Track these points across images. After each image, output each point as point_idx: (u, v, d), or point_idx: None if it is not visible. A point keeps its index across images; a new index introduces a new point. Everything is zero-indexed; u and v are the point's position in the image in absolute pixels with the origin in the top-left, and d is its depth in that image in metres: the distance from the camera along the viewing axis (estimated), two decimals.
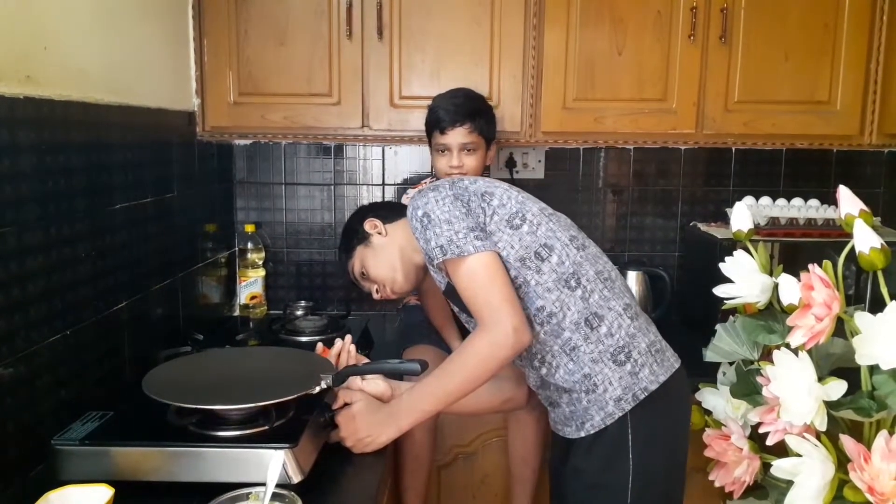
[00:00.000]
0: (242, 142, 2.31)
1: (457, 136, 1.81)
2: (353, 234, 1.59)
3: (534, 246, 1.33)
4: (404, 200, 2.01)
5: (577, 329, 1.32)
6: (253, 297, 2.29)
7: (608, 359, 1.31)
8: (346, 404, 1.34)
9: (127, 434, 1.20)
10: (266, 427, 1.21)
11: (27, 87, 1.23)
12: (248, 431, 1.20)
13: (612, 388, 1.31)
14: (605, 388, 1.31)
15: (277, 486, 1.06)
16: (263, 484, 1.05)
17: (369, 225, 1.56)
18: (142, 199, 1.65)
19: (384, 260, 1.55)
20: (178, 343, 1.69)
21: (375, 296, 1.59)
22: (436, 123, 1.83)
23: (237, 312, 2.30)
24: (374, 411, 1.31)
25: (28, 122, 1.23)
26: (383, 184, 2.35)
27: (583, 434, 1.34)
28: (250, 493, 1.07)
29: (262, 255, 2.32)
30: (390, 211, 1.60)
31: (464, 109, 1.82)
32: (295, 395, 1.23)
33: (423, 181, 2.08)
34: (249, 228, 2.29)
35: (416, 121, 1.98)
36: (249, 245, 2.29)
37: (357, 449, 1.30)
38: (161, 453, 1.16)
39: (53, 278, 1.30)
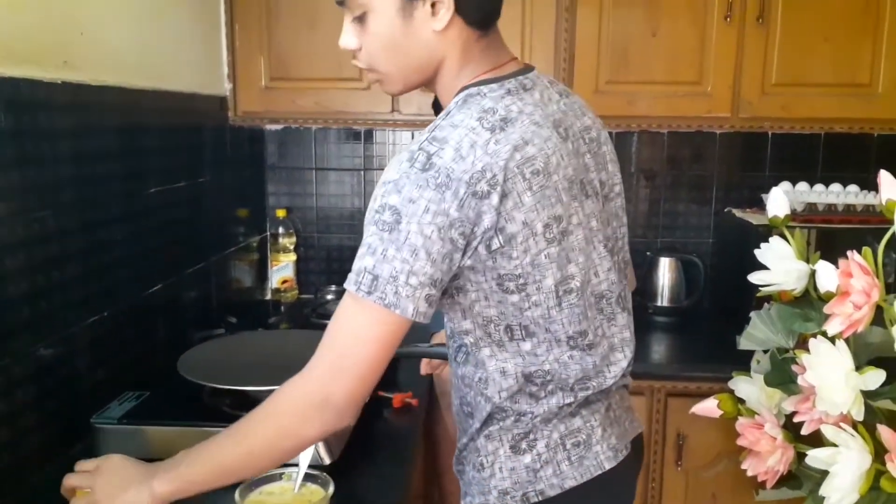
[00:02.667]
0: (274, 127, 2.32)
1: None
2: None
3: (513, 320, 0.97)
4: None
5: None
6: (284, 282, 2.31)
7: (506, 440, 1.01)
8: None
9: (163, 414, 1.23)
10: None
11: (64, 72, 1.25)
12: None
13: (500, 477, 1.01)
14: (492, 472, 1.01)
15: (310, 466, 1.07)
16: (296, 465, 1.06)
17: None
18: (175, 183, 1.67)
19: (401, 49, 0.96)
20: (211, 326, 1.71)
21: (342, 42, 1.00)
22: None
23: (269, 296, 2.33)
24: (126, 467, 0.99)
25: (65, 107, 1.25)
26: None
27: None
28: (283, 473, 1.08)
29: (294, 239, 2.34)
30: (485, 16, 0.97)
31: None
32: None
33: None
34: (281, 213, 2.31)
35: None
36: (281, 230, 2.31)
37: None
38: (196, 433, 1.17)
39: (91, 261, 1.32)
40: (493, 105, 0.92)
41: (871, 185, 2.05)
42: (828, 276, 1.35)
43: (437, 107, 1.36)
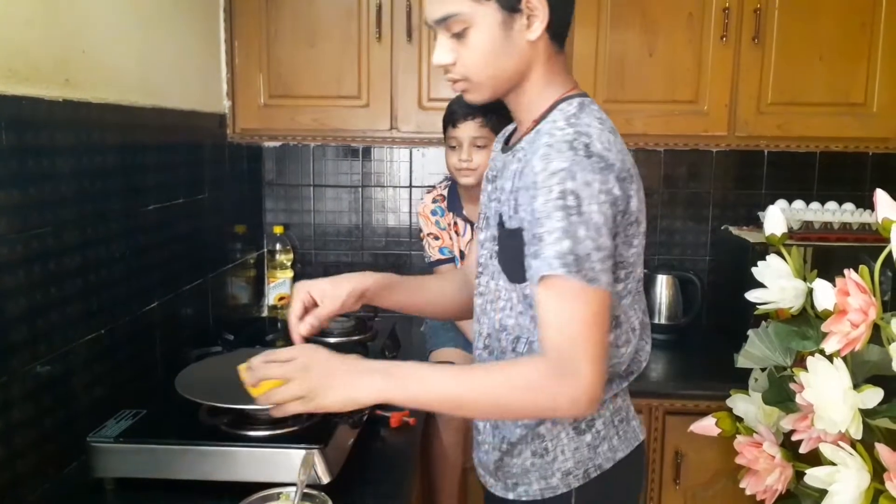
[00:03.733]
0: (272, 144, 2.33)
1: (468, 129, 1.80)
2: None
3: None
4: (420, 208, 2.01)
5: None
6: (281, 298, 2.30)
7: (567, 423, 1.09)
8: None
9: (160, 432, 1.22)
10: (296, 427, 1.22)
11: (66, 90, 1.25)
12: (278, 431, 1.21)
13: (563, 459, 1.09)
14: (555, 455, 1.09)
15: (308, 486, 1.06)
16: (294, 484, 1.06)
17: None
18: (174, 200, 1.67)
19: (499, 58, 1.04)
20: (208, 343, 1.71)
21: (437, 59, 1.07)
22: (449, 118, 1.83)
23: (266, 313, 2.32)
24: (344, 359, 1.00)
25: (66, 125, 1.25)
26: (410, 185, 2.36)
27: (511, 497, 1.13)
28: (281, 493, 1.08)
29: (291, 256, 2.34)
30: (564, 30, 1.08)
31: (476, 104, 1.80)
32: None
33: (436, 187, 2.07)
34: (278, 230, 2.31)
35: None
36: (278, 246, 2.31)
37: (304, 404, 0.97)
38: (193, 452, 1.17)
39: (89, 278, 1.32)
40: (600, 115, 1.05)
41: (866, 203, 2.07)
42: (825, 294, 1.35)
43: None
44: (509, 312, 1.09)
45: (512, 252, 1.04)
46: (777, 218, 1.54)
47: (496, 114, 1.81)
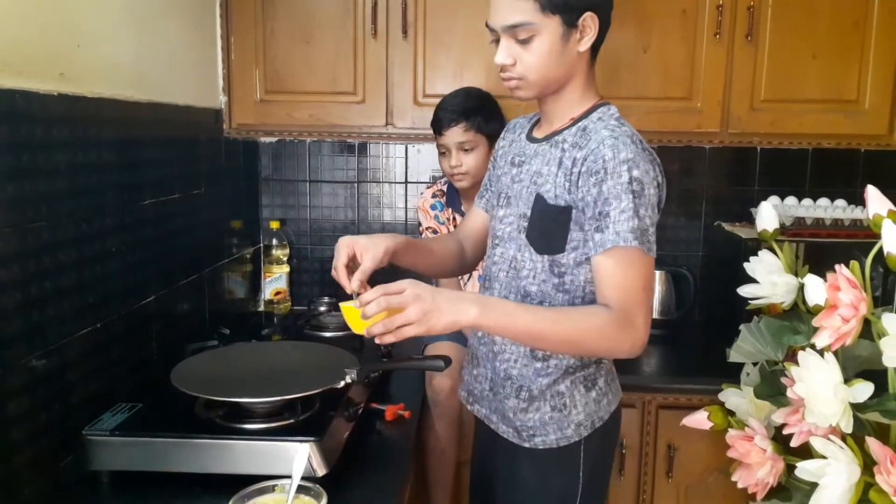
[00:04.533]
0: (268, 139, 2.33)
1: (453, 135, 1.81)
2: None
3: None
4: (420, 202, 2.02)
5: None
6: (277, 293, 2.31)
7: (580, 382, 1.28)
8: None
9: (155, 426, 1.22)
10: (292, 420, 1.23)
11: (61, 85, 1.26)
12: (274, 424, 1.22)
13: (576, 413, 1.27)
14: (570, 410, 1.27)
15: (303, 478, 1.07)
16: (289, 476, 1.06)
17: (590, 19, 1.21)
18: (170, 195, 1.68)
19: (553, 64, 1.21)
20: (205, 337, 1.71)
21: (500, 59, 1.22)
22: (435, 125, 1.84)
23: (262, 308, 2.33)
24: (440, 289, 1.11)
25: (61, 119, 1.25)
26: (406, 181, 2.36)
27: (527, 445, 1.29)
28: (276, 485, 1.08)
29: (287, 251, 2.34)
30: (601, 42, 1.27)
31: (459, 108, 1.81)
32: (321, 389, 1.25)
33: (436, 182, 2.08)
34: (274, 225, 2.31)
35: None
36: (274, 241, 2.31)
37: (418, 327, 1.06)
38: (188, 445, 1.18)
39: (85, 272, 1.32)
40: None
41: (858, 199, 2.08)
42: (816, 289, 1.36)
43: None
44: (532, 280, 1.25)
45: (553, 226, 1.21)
46: (769, 214, 1.55)
47: (479, 115, 1.82)
